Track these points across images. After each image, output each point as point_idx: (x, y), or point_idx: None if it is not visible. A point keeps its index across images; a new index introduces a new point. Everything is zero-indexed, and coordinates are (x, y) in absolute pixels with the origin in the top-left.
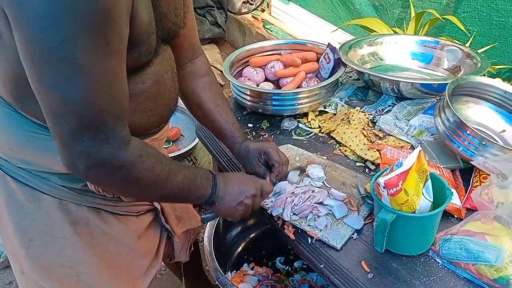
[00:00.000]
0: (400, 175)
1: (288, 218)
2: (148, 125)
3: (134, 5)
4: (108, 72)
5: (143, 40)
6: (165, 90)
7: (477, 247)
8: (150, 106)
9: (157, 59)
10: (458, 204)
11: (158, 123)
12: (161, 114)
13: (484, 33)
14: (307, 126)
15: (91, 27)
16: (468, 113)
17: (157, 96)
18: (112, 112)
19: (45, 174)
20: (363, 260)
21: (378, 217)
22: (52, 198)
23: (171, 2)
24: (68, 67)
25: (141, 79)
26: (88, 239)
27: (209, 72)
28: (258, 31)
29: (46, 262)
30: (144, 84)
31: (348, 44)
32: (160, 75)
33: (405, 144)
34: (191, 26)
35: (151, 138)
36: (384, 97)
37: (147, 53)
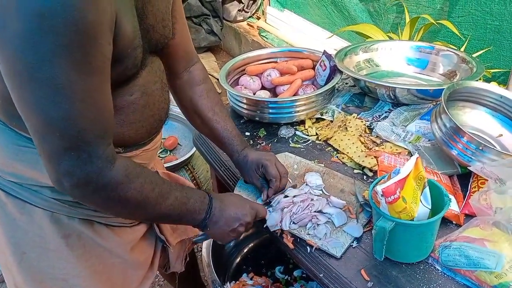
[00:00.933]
0: (398, 183)
1: (287, 227)
2: (137, 137)
3: (117, 21)
4: (91, 91)
5: (128, 54)
6: (154, 101)
7: (477, 253)
8: (138, 118)
9: (145, 70)
10: (456, 210)
11: (148, 134)
12: (150, 125)
13: (479, 37)
14: (304, 134)
15: (72, 47)
16: (464, 118)
17: (145, 108)
18: (95, 131)
19: (36, 187)
20: (363, 268)
21: (377, 225)
22: (43, 211)
23: (158, 14)
24: (49, 87)
25: (129, 91)
26: (81, 251)
27: (206, 80)
28: (254, 39)
29: (39, 275)
30: (131, 96)
31: (344, 51)
32: (148, 87)
33: (402, 150)
34: (183, 35)
35: (142, 149)
36: (380, 103)
37: (133, 66)
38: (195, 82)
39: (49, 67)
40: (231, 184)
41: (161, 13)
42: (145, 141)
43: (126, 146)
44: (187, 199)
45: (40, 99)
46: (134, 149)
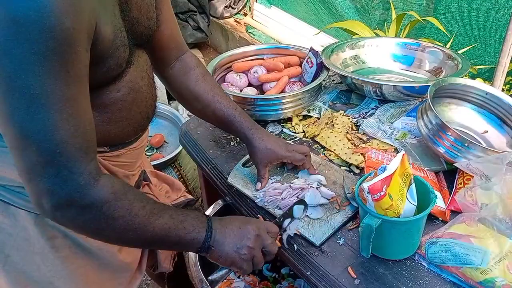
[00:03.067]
0: (384, 180)
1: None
2: (124, 135)
3: (97, 25)
4: (69, 101)
5: (109, 55)
6: (142, 98)
7: (463, 249)
8: (126, 115)
9: (132, 66)
10: (442, 206)
11: (135, 132)
12: (138, 122)
13: (464, 33)
14: (292, 131)
15: (49, 55)
16: (450, 114)
17: (133, 104)
18: (75, 144)
19: (19, 189)
20: (350, 266)
21: (363, 223)
22: (27, 213)
23: (142, 6)
24: (24, 96)
25: (116, 87)
26: (66, 253)
27: (199, 64)
28: (241, 35)
29: (24, 277)
30: (119, 93)
31: (331, 48)
32: (135, 82)
33: (389, 147)
34: (170, 24)
35: (128, 148)
36: (367, 100)
37: (117, 65)
38: (189, 68)
39: (24, 76)
40: (217, 182)
41: (145, 5)
42: (131, 139)
43: (112, 145)
44: (183, 217)
45: (15, 110)
46: (120, 147)
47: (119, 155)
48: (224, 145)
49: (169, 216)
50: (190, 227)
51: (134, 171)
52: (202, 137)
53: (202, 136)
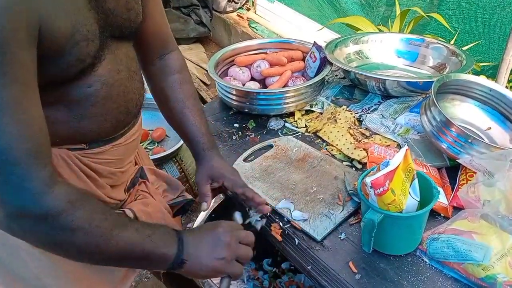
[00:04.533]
0: (387, 175)
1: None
2: (102, 131)
3: (44, 23)
4: (11, 103)
5: (66, 52)
6: (118, 92)
7: (465, 246)
8: (99, 111)
9: (106, 60)
10: (444, 202)
11: (114, 128)
12: (115, 118)
13: (468, 30)
14: (294, 126)
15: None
16: (454, 111)
17: (107, 100)
18: (23, 149)
19: None
20: (351, 260)
21: (365, 217)
22: None
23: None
24: None
25: (87, 82)
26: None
27: (181, 70)
28: (243, 30)
29: (11, 274)
30: (90, 88)
31: (334, 43)
32: (110, 77)
33: (392, 143)
34: (155, 19)
35: (112, 144)
36: (370, 96)
37: (78, 61)
38: (169, 71)
39: None
40: None
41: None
42: (113, 136)
43: (91, 142)
44: (151, 231)
45: None
46: (101, 144)
47: (100, 152)
48: (226, 139)
49: (134, 230)
50: (158, 242)
51: (123, 168)
52: None
53: None
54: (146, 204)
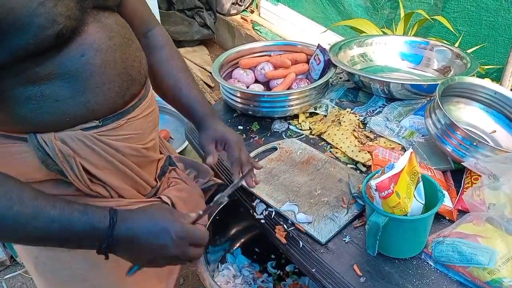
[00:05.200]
0: (392, 178)
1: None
2: (109, 103)
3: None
4: None
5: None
6: (115, 59)
7: (470, 249)
8: (100, 80)
9: (91, 26)
10: (449, 206)
11: (122, 98)
12: (119, 87)
13: (473, 33)
14: (298, 128)
15: None
16: (458, 114)
17: (105, 67)
18: None
19: (35, 184)
20: (356, 263)
21: (370, 220)
22: None
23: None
24: None
25: (78, 51)
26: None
27: (166, 45)
28: (247, 32)
29: (56, 277)
30: (83, 57)
31: (338, 45)
32: (102, 43)
33: (396, 146)
34: (132, 2)
35: (126, 118)
36: (374, 98)
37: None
38: (156, 47)
39: None
40: (223, 178)
41: None
42: (125, 108)
43: (103, 118)
44: (69, 223)
45: None
46: (114, 119)
47: (116, 128)
48: None
49: (49, 221)
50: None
51: (147, 144)
52: None
53: None
54: (180, 190)
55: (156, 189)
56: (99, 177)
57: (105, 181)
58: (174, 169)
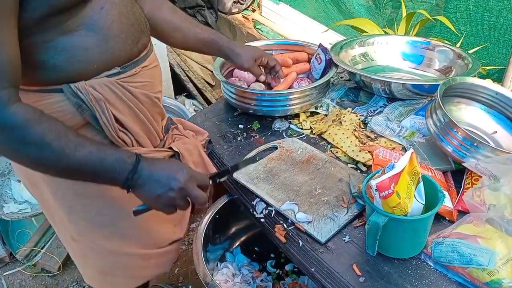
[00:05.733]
0: (392, 178)
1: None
2: (127, 49)
3: None
4: None
5: None
6: (127, 10)
7: (469, 250)
8: (119, 29)
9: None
10: (450, 206)
11: (136, 45)
12: (133, 35)
13: (475, 33)
14: (299, 127)
15: None
16: (459, 114)
17: (121, 17)
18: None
19: None
20: (355, 263)
21: (370, 220)
22: None
23: None
24: None
25: (98, 5)
26: (120, 193)
27: (164, 1)
28: (248, 31)
29: (89, 223)
30: (103, 9)
31: (340, 45)
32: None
33: (397, 146)
34: None
35: (141, 67)
36: (375, 98)
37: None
38: (159, 2)
39: None
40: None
41: None
42: (138, 57)
43: (124, 65)
44: (104, 156)
45: None
46: (132, 66)
47: (134, 74)
48: (230, 140)
49: (88, 152)
50: (109, 167)
51: (156, 94)
52: (208, 131)
53: (209, 130)
54: (184, 143)
55: (164, 142)
56: (124, 122)
57: (127, 127)
58: (176, 127)
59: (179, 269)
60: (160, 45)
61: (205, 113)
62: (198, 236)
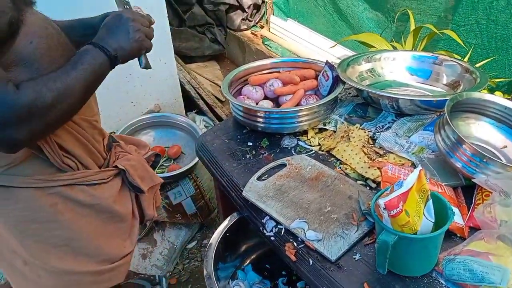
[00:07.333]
0: (401, 196)
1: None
2: None
3: None
4: None
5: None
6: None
7: (481, 267)
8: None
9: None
10: (460, 223)
11: None
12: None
13: (484, 46)
14: (307, 144)
15: None
16: (468, 129)
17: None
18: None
19: (10, 170)
20: (366, 282)
21: (380, 239)
22: (26, 189)
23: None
24: None
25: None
26: (71, 215)
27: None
28: (257, 47)
29: (43, 246)
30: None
31: (347, 61)
32: (41, 31)
33: (406, 162)
34: None
35: None
36: (383, 114)
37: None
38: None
39: None
40: (233, 195)
41: None
42: None
43: None
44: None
45: None
46: None
47: None
48: (239, 158)
49: (81, 69)
50: (95, 60)
51: (94, 117)
52: (218, 149)
53: (218, 148)
54: (128, 159)
55: (108, 162)
56: (67, 148)
57: (71, 152)
58: (118, 145)
59: (192, 285)
60: (169, 64)
61: (214, 131)
62: (209, 255)
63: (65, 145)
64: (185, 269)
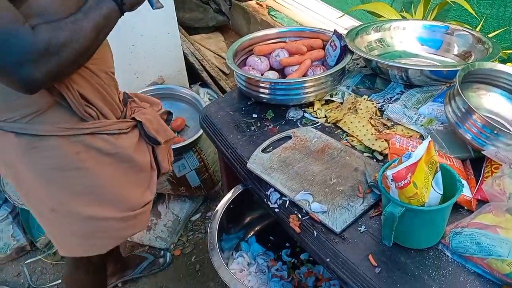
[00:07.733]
0: (409, 167)
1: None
2: None
3: None
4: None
5: None
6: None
7: (489, 240)
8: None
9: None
10: (468, 195)
11: None
12: None
13: (496, 15)
14: (313, 116)
15: None
16: (479, 100)
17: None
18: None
19: (36, 118)
20: (371, 254)
21: (386, 211)
22: (51, 138)
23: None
24: None
25: None
26: (93, 163)
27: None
28: (263, 18)
29: (68, 193)
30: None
31: (355, 31)
32: None
33: (414, 134)
34: None
35: None
36: (392, 85)
37: None
38: None
39: None
40: (237, 167)
41: None
42: None
43: None
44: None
45: None
46: None
47: None
48: (244, 130)
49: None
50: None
51: (111, 69)
52: (222, 121)
53: (223, 120)
54: (144, 113)
55: (125, 114)
56: (88, 98)
57: (92, 102)
58: (133, 100)
59: (195, 256)
60: (173, 35)
61: (219, 103)
62: (213, 226)
63: (86, 94)
64: (189, 240)
